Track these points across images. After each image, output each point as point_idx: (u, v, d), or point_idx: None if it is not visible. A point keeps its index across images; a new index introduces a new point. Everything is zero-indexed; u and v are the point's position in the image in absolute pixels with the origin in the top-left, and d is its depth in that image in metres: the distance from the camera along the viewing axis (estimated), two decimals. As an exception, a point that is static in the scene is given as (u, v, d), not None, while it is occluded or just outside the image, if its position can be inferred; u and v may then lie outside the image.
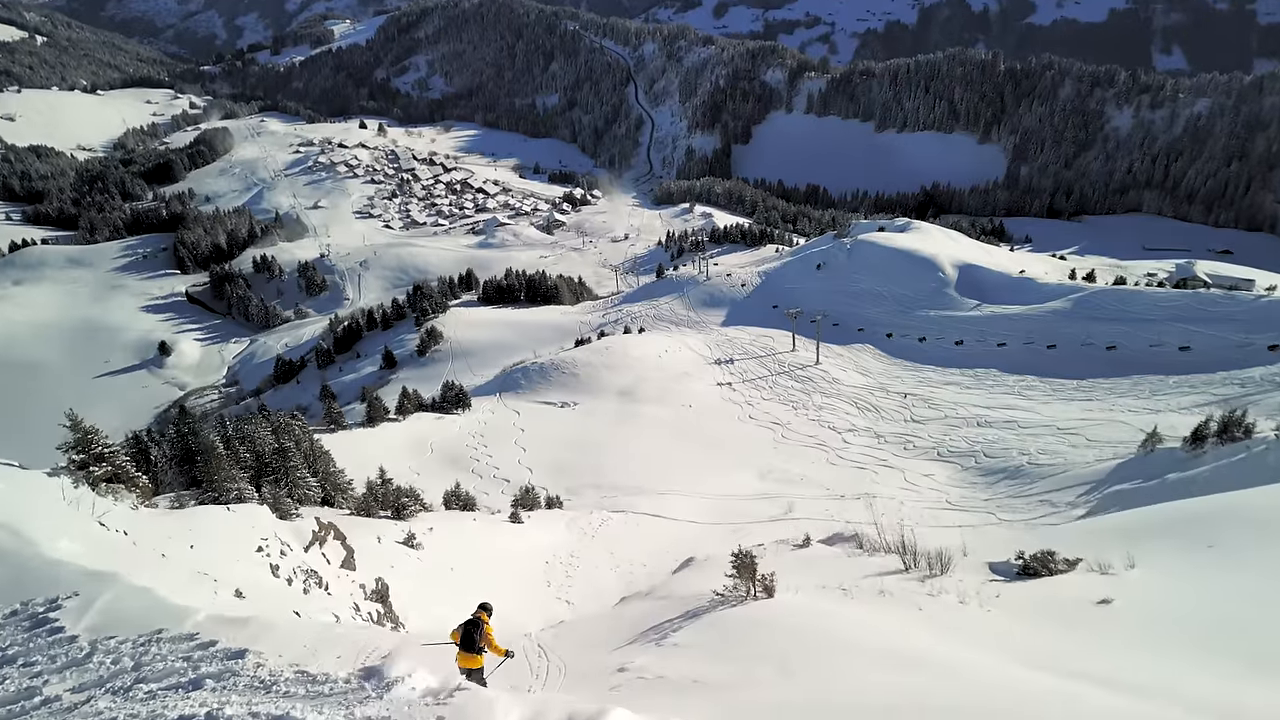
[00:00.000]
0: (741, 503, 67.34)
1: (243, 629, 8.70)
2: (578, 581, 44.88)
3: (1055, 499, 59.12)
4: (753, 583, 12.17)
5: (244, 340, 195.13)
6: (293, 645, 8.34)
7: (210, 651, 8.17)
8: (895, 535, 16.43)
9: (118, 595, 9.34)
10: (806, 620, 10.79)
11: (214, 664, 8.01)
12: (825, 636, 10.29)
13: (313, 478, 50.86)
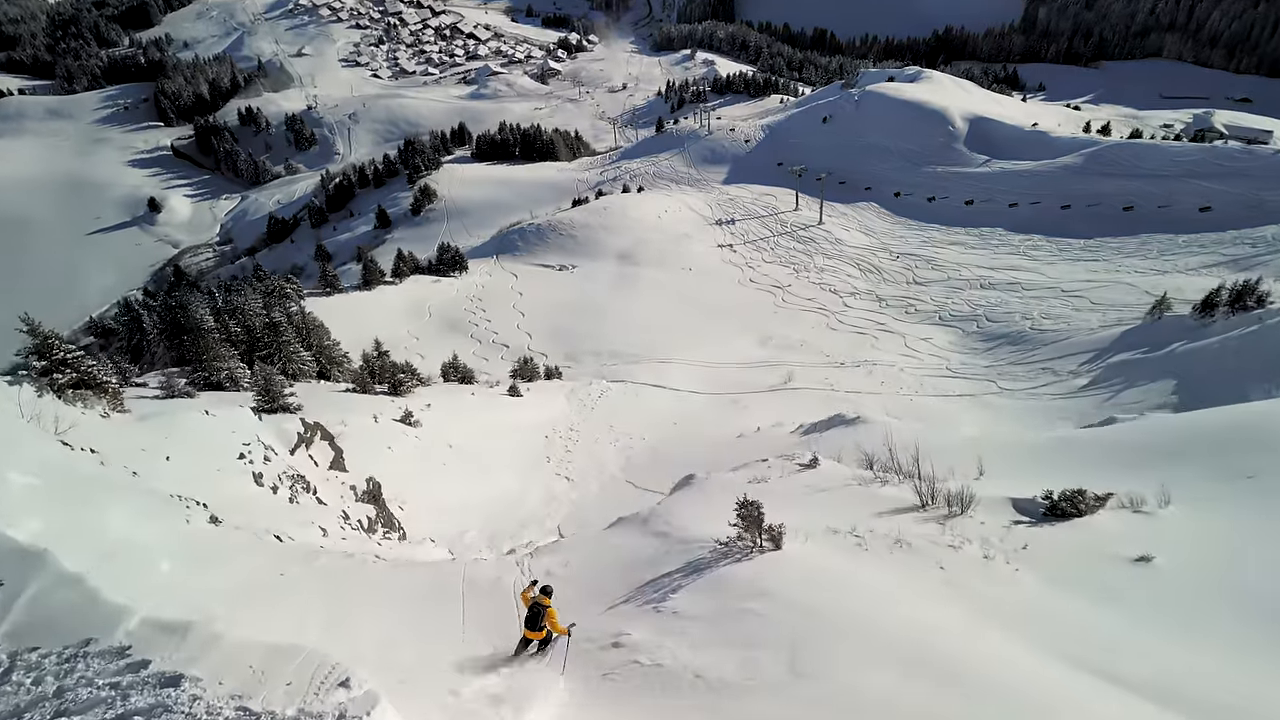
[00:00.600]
0: (741, 371, 66.73)
1: (182, 642, 7.60)
2: (577, 456, 44.64)
3: (1057, 367, 58.34)
4: (759, 534, 11.11)
5: (235, 197, 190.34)
6: (237, 667, 7.30)
7: (142, 676, 7.13)
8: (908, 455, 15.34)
9: (45, 589, 8.20)
10: (818, 594, 9.76)
11: (145, 695, 6.98)
12: (840, 617, 9.27)
13: (306, 351, 49.87)
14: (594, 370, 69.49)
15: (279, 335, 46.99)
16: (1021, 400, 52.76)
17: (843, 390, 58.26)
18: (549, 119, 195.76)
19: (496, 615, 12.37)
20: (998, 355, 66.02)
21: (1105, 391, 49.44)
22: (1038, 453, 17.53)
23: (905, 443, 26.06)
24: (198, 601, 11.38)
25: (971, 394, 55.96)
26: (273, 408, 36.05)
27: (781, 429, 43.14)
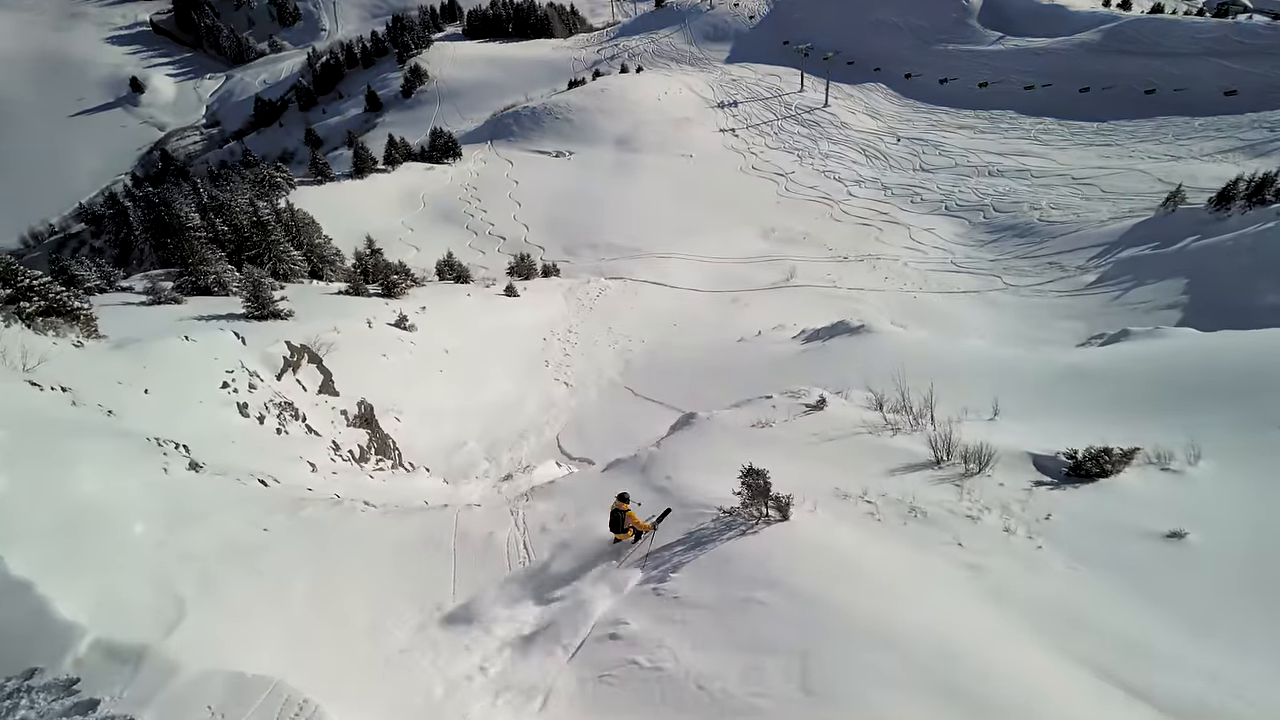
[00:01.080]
0: (743, 267, 65.25)
1: (134, 675, 6.91)
2: (576, 360, 43.91)
3: (1065, 261, 56.97)
4: (765, 504, 10.36)
5: (219, 77, 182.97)
6: (194, 709, 6.62)
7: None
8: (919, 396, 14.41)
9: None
10: (829, 586, 9.05)
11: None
12: (854, 617, 8.59)
13: (297, 250, 48.51)
14: (592, 266, 68.04)
15: (268, 234, 45.52)
16: (1027, 297, 51.65)
17: (845, 287, 57.06)
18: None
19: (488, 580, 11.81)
20: (1004, 248, 64.44)
21: (1113, 289, 48.31)
22: (1053, 386, 16.64)
23: (914, 358, 25.27)
24: (169, 574, 10.74)
25: (976, 290, 54.81)
26: (263, 314, 35.12)
27: (783, 332, 42.24)
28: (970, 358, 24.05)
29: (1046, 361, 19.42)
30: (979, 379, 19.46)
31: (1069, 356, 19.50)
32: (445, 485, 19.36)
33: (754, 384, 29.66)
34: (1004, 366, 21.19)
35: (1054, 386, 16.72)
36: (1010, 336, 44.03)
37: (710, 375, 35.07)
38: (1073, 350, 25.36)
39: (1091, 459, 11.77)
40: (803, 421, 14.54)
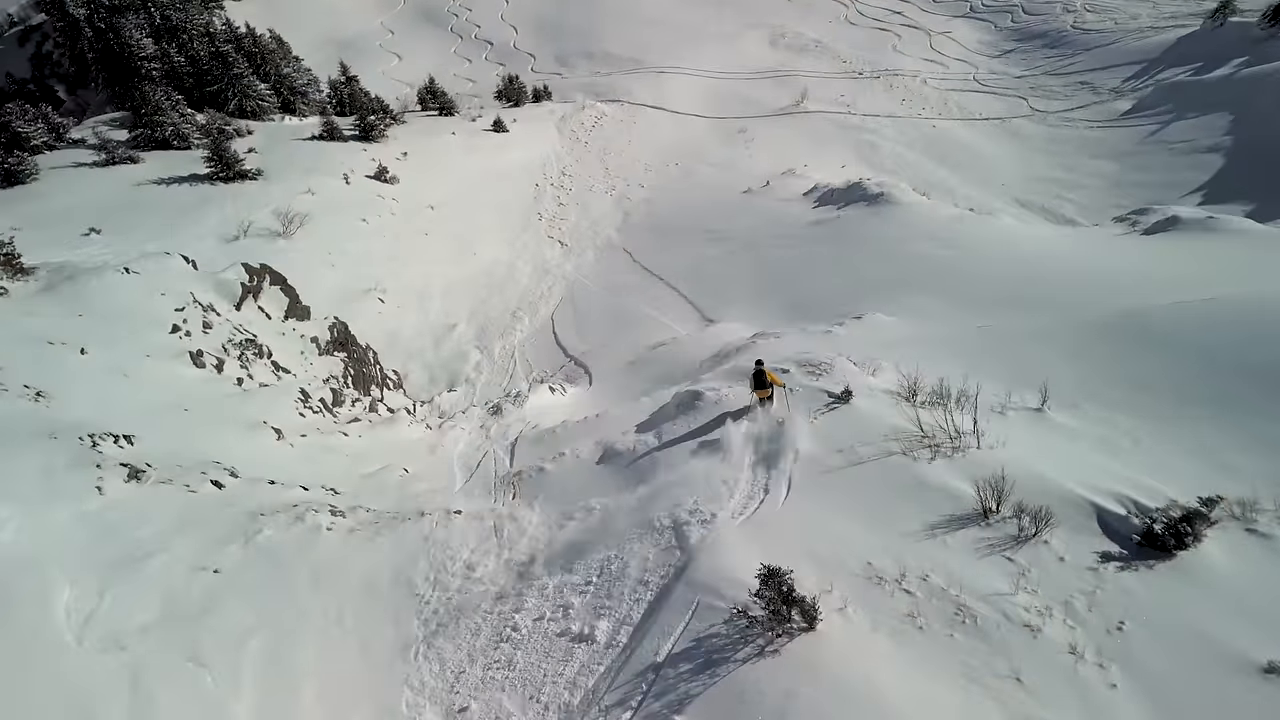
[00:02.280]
0: (749, 85, 59.78)
1: None
2: (570, 211, 40.71)
3: (1098, 81, 51.91)
4: (788, 610, 8.59)
5: None
6: None
7: None
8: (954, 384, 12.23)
9: None
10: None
11: None
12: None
13: (264, 83, 43.79)
14: (587, 83, 62.38)
15: (229, 68, 40.76)
16: (1054, 127, 47.35)
17: (859, 114, 52.36)
18: None
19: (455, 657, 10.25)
20: (1033, 60, 58.71)
21: (1150, 122, 44.02)
22: (1109, 346, 14.26)
23: (939, 247, 22.62)
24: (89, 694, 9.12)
25: (1000, 117, 50.26)
26: (228, 175, 31.91)
27: (794, 183, 38.83)
28: (1002, 263, 21.38)
29: (1097, 311, 16.86)
30: (1015, 307, 17.17)
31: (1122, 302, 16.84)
32: (429, 432, 17.43)
33: (763, 272, 27.16)
34: (1044, 280, 18.66)
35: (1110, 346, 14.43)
36: (1036, 184, 40.69)
37: (715, 246, 32.25)
38: (1116, 245, 22.58)
39: (1168, 528, 9.84)
40: (826, 425, 12.50)
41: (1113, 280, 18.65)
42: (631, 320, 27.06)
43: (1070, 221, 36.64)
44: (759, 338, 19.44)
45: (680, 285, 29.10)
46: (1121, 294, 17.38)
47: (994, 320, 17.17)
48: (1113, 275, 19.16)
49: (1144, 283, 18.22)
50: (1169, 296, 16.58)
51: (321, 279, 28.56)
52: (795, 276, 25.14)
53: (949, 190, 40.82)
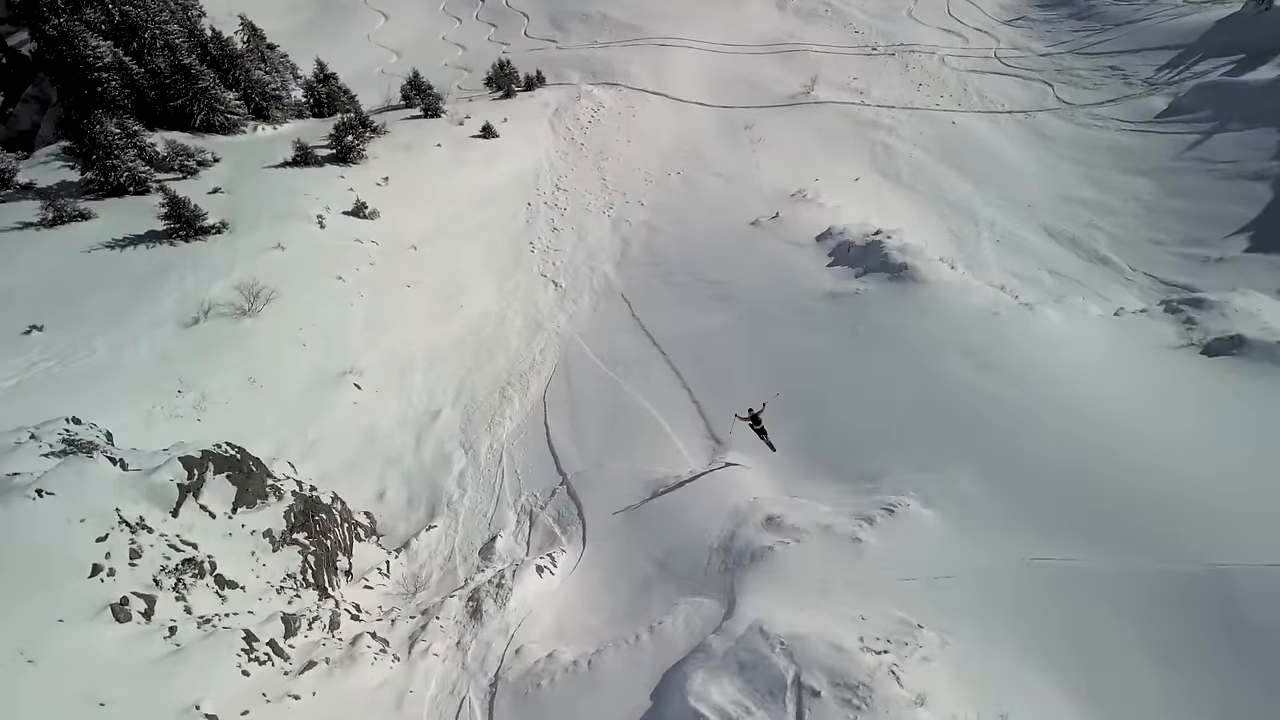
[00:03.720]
0: (755, 62, 54.99)
1: None
2: (566, 238, 37.06)
3: (1130, 67, 47.33)
4: None
5: None
6: None
7: None
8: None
9: None
10: None
11: None
12: None
13: (232, 92, 39.56)
14: (583, 57, 57.41)
15: (194, 82, 36.54)
16: (1084, 126, 43.13)
17: (873, 104, 47.94)
18: None
19: None
20: (1058, 33, 53.79)
21: (1187, 129, 39.87)
22: (1188, 628, 11.61)
23: (976, 355, 19.54)
24: None
25: (1024, 111, 45.94)
26: (189, 234, 28.50)
27: (805, 214, 35.13)
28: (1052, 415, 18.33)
29: (1166, 468, 14.03)
30: (1072, 528, 14.44)
31: (1201, 517, 14.03)
32: (395, 669, 14.71)
33: (774, 365, 24.08)
34: (1105, 477, 15.77)
35: (1196, 633, 11.79)
36: (1065, 206, 36.98)
37: (719, 310, 28.86)
38: (1178, 382, 19.48)
39: None
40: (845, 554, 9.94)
41: (1186, 472, 15.75)
42: (631, 422, 24.06)
43: (1104, 260, 33.26)
44: (773, 526, 16.71)
45: (683, 369, 25.99)
46: (1201, 509, 14.56)
47: (1046, 541, 14.46)
48: (1186, 459, 16.23)
49: (1224, 479, 15.34)
50: (1258, 530, 13.79)
51: (291, 367, 25.61)
52: (812, 384, 22.18)
53: (972, 215, 37.17)
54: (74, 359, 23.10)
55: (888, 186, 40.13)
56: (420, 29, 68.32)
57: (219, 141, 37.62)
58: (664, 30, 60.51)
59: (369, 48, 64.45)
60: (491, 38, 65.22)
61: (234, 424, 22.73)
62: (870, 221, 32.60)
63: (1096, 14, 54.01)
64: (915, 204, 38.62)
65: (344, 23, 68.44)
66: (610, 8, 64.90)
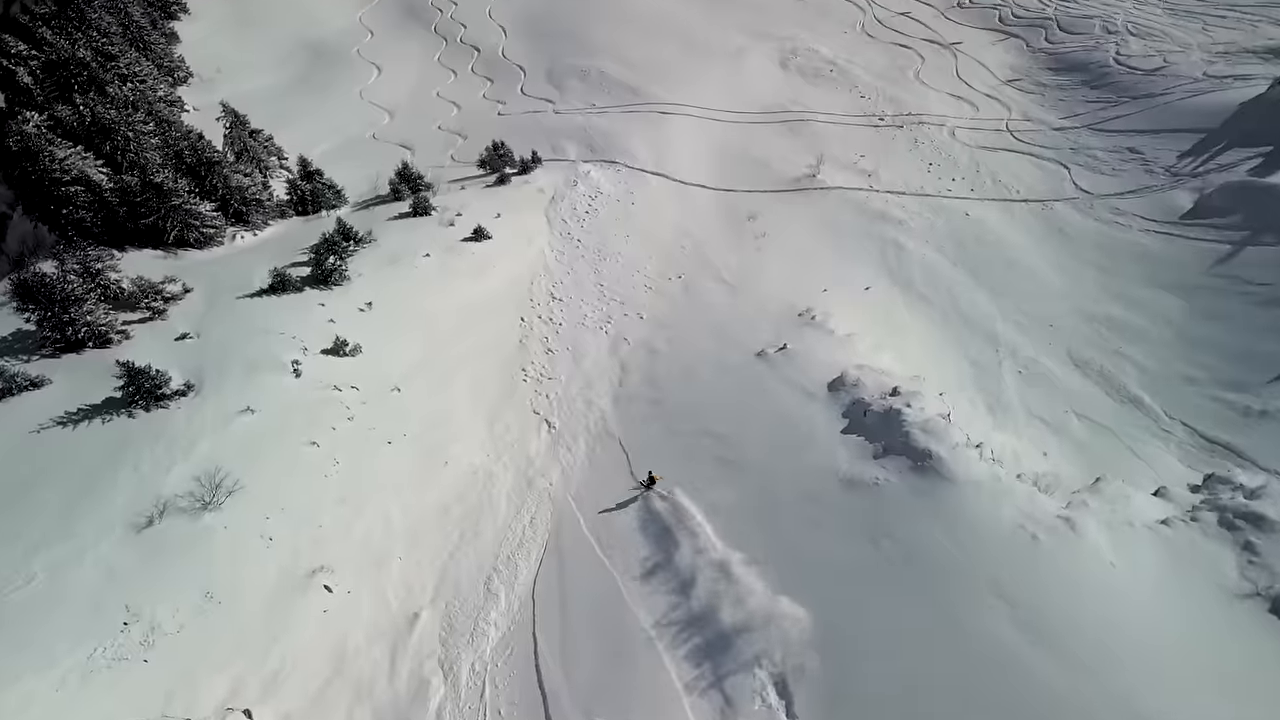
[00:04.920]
0: (757, 134, 51.87)
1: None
2: (560, 362, 34.14)
3: (1149, 150, 44.29)
4: None
5: None
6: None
7: None
8: None
9: None
10: None
11: None
12: None
13: (209, 201, 36.53)
14: (580, 126, 54.24)
15: (166, 199, 33.51)
16: (1105, 224, 40.06)
17: (882, 190, 44.89)
18: None
19: None
20: (1073, 103, 50.60)
21: (1217, 238, 36.73)
22: None
23: (1016, 577, 16.79)
24: None
25: (1041, 200, 42.90)
26: (148, 403, 25.60)
27: (816, 344, 32.17)
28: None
29: None
30: None
31: None
32: None
33: (788, 575, 21.22)
34: None
35: None
36: (1089, 327, 33.98)
37: (722, 480, 26.03)
38: (1256, 665, 16.70)
39: None
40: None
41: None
42: (628, 652, 21.28)
43: (1135, 402, 30.36)
44: None
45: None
46: None
47: None
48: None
49: None
50: None
51: (254, 572, 22.78)
52: (834, 617, 19.49)
53: (992, 336, 34.23)
54: (9, 589, 20.28)
55: (900, 298, 37.14)
56: (414, 83, 65.07)
57: (193, 260, 34.64)
58: (663, 90, 57.37)
59: (360, 106, 61.27)
60: (487, 94, 62.02)
61: (185, 658, 20.07)
62: (886, 370, 29.61)
63: (1111, 84, 50.82)
64: (930, 323, 35.64)
65: (336, 77, 65.16)
66: (608, 64, 61.67)
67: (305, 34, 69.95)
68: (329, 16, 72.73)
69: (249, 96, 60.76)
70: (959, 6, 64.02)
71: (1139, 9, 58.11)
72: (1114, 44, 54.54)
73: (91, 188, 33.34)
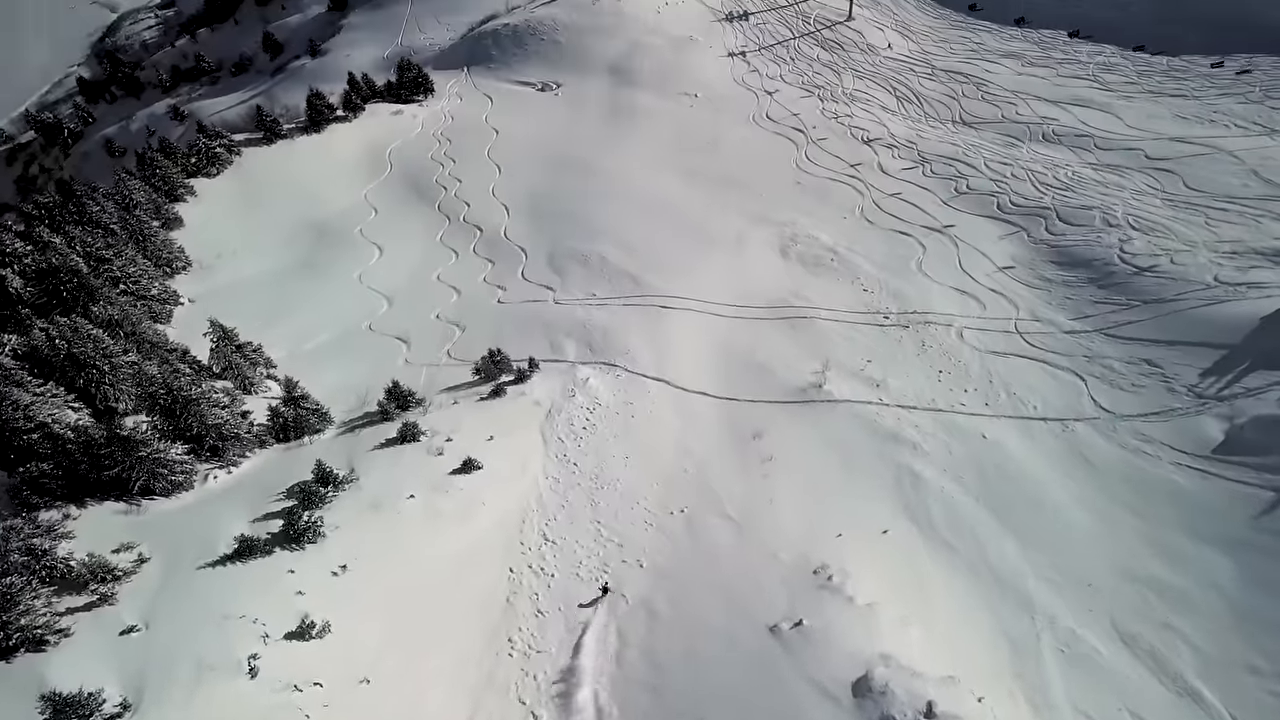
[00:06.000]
0: (760, 332, 49.85)
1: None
2: (550, 629, 30.55)
3: (1167, 364, 42.04)
4: None
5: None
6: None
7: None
8: None
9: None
10: None
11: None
12: None
13: (181, 447, 33.75)
14: (580, 321, 52.32)
15: (133, 450, 30.71)
16: (1132, 453, 37.24)
17: (892, 404, 42.35)
18: None
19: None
20: (1080, 303, 48.73)
21: (1257, 481, 33.80)
22: None
23: None
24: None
25: (1060, 419, 40.27)
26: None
27: (836, 617, 28.81)
28: None
29: None
30: None
31: None
32: None
33: None
34: None
35: None
36: (1133, 590, 30.47)
37: None
38: None
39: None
40: None
41: None
42: None
43: (1194, 695, 26.75)
44: None
45: None
46: None
47: None
48: None
49: None
50: None
51: None
52: None
53: (1026, 599, 30.80)
54: None
55: (921, 543, 33.85)
56: (415, 263, 63.91)
57: (158, 512, 31.52)
58: (664, 280, 55.89)
59: (359, 291, 59.77)
60: (488, 279, 60.64)
61: None
62: (919, 671, 25.97)
63: (1118, 284, 49.15)
64: (956, 574, 32.25)
65: (338, 258, 64.01)
66: (609, 249, 60.57)
67: (310, 213, 69.42)
68: (335, 195, 72.47)
69: (248, 283, 59.66)
70: (956, 193, 63.37)
71: (1138, 200, 57.40)
72: (1117, 238, 53.40)
73: (53, 440, 30.62)
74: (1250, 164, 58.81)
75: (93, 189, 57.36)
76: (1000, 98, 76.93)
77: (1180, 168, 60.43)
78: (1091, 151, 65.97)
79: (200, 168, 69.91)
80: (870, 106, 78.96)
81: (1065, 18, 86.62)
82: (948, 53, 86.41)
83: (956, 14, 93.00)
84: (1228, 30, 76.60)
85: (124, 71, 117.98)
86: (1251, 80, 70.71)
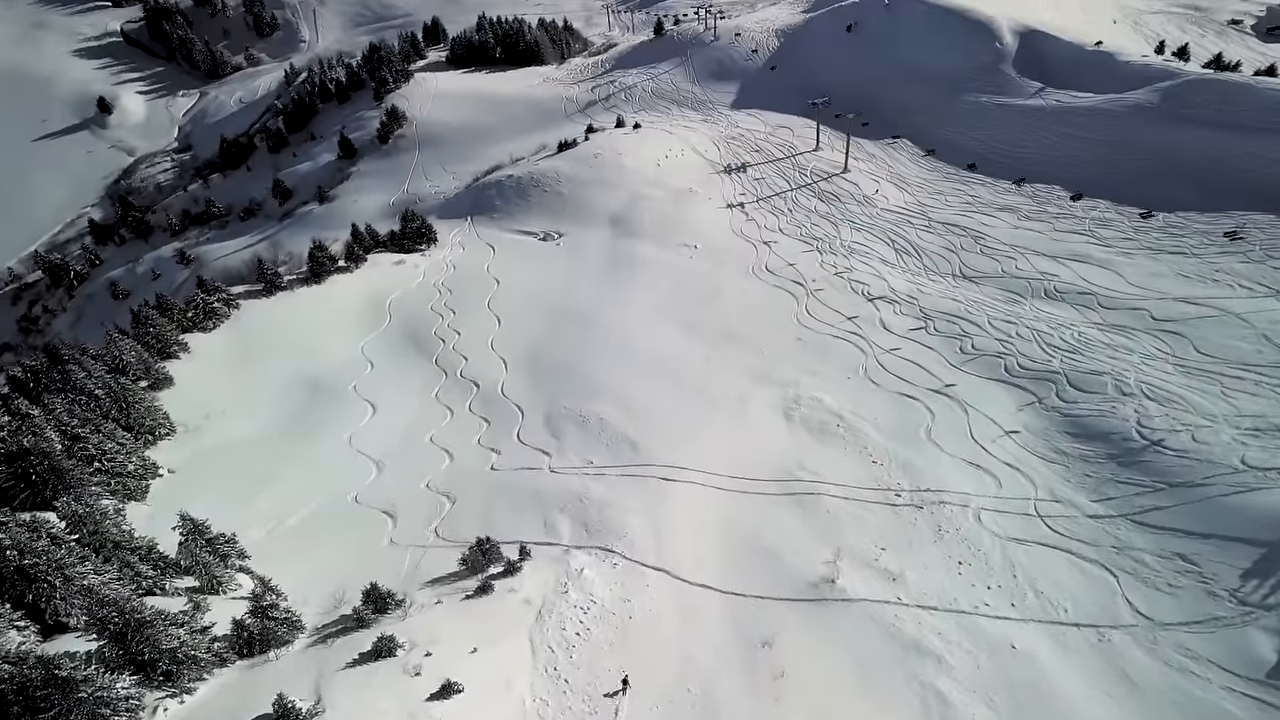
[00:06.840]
0: (766, 510, 46.92)
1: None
2: None
3: (1204, 561, 38.99)
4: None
5: (192, 94, 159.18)
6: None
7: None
8: None
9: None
10: None
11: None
12: None
13: (128, 678, 30.22)
14: (575, 491, 49.51)
15: (71, 692, 27.21)
16: (1178, 671, 33.69)
17: (912, 604, 38.97)
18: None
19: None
20: (1100, 483, 45.83)
21: (1325, 711, 30.19)
22: None
23: None
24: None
25: (1094, 626, 36.76)
26: None
27: None
28: None
29: None
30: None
31: None
32: None
33: None
34: None
35: None
36: None
37: None
38: None
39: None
40: None
41: None
42: None
43: None
44: None
45: None
46: None
47: None
48: None
49: None
50: None
51: None
52: None
53: None
54: None
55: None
56: (409, 421, 61.66)
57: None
58: (664, 447, 53.42)
59: (349, 456, 57.21)
60: (482, 441, 58.20)
61: None
62: None
63: (1139, 463, 46.45)
64: None
65: (329, 416, 61.85)
66: (607, 409, 58.42)
67: (305, 368, 67.84)
68: (332, 348, 71.15)
69: (235, 446, 57.32)
70: (962, 353, 61.74)
71: (1149, 364, 55.50)
72: (1133, 409, 51.08)
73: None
74: (1260, 327, 57.23)
75: (81, 351, 55.73)
76: (998, 251, 76.71)
77: (1188, 330, 58.89)
78: (1096, 310, 64.67)
79: (196, 322, 68.76)
80: (869, 259, 78.72)
81: (1065, 180, 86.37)
82: (942, 203, 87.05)
83: (951, 167, 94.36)
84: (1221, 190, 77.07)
85: (135, 214, 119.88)
86: (1251, 239, 70.28)
